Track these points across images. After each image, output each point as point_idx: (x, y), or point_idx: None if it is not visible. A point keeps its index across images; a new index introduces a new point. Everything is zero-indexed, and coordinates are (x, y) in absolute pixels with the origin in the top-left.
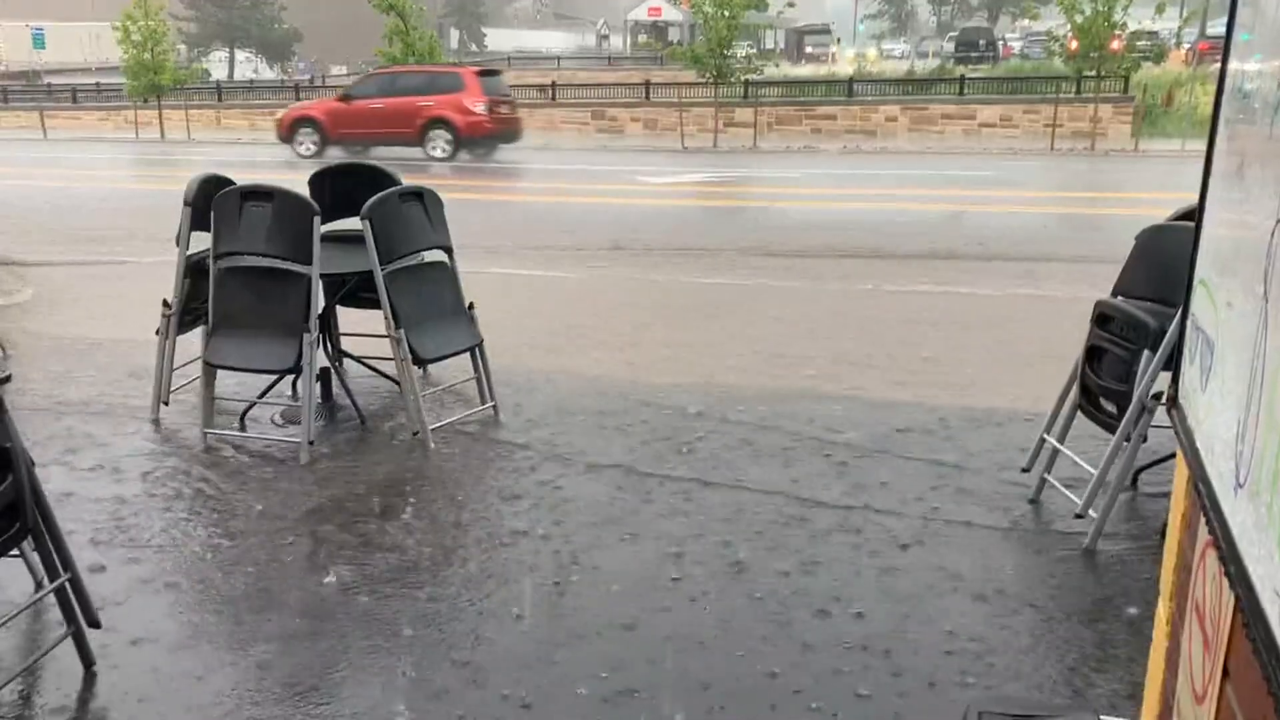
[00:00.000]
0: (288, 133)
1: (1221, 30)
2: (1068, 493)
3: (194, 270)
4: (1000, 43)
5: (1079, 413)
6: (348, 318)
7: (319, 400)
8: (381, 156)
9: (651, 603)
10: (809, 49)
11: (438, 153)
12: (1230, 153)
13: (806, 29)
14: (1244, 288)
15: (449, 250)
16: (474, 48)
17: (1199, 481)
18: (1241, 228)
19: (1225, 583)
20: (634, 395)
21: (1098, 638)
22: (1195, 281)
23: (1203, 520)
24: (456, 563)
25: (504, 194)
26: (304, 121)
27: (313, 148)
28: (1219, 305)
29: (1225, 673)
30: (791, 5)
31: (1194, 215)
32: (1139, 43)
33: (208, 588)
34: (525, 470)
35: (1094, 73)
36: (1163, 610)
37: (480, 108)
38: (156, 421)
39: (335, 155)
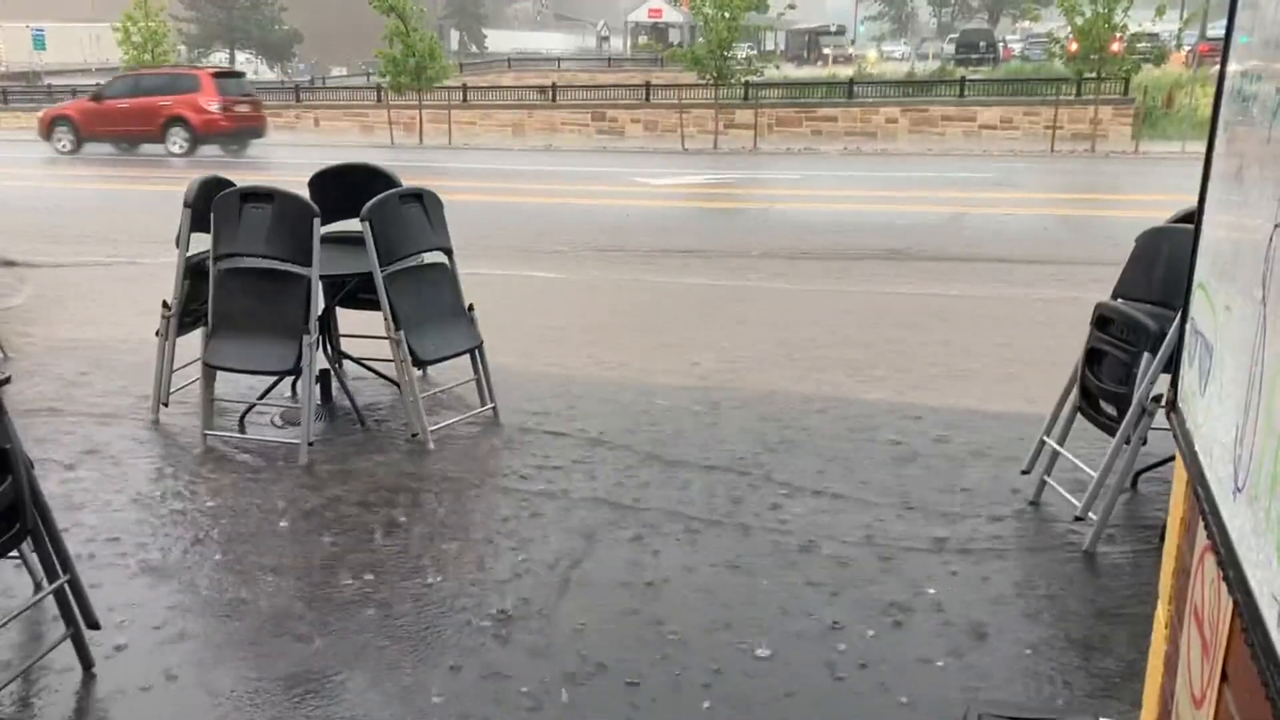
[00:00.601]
0: (47, 130)
1: (1221, 33)
2: (1067, 495)
3: (194, 271)
4: (1001, 44)
5: (1079, 415)
6: (347, 319)
7: (318, 402)
8: (142, 153)
9: (652, 604)
10: (825, 49)
11: (176, 149)
12: (1229, 155)
13: (820, 30)
14: (1243, 291)
15: (449, 251)
16: (474, 49)
17: (1198, 485)
18: (1240, 231)
19: (1224, 587)
20: (636, 396)
21: (1096, 640)
22: (1194, 284)
23: (1201, 524)
24: (456, 565)
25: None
26: (60, 120)
27: (69, 144)
28: (1218, 309)
29: (1224, 676)
30: (792, 7)
31: (1193, 218)
32: (1139, 45)
33: (206, 589)
34: (525, 473)
35: (1094, 75)
36: (1161, 613)
37: (215, 106)
38: (156, 423)
39: (90, 151)
